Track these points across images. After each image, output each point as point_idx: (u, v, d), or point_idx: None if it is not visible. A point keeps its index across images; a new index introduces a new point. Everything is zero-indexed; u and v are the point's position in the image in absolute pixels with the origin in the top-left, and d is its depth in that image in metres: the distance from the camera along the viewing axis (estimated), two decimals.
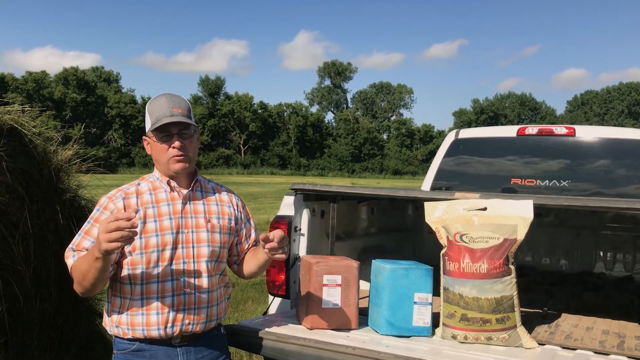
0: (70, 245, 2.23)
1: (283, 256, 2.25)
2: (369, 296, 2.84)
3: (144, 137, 2.35)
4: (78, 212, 3.41)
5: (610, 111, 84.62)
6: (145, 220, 2.21)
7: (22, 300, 2.98)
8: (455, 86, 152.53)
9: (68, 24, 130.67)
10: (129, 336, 2.22)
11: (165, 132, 2.21)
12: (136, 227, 1.90)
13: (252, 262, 2.44)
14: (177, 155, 2.22)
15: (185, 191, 2.31)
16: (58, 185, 3.32)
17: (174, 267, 2.22)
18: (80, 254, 2.17)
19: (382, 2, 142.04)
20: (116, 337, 2.28)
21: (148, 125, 2.26)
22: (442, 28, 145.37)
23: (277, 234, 2.19)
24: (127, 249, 2.20)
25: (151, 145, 2.28)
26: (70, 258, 2.19)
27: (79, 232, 2.23)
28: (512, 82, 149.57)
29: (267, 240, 2.18)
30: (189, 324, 2.24)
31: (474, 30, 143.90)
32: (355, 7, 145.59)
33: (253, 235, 2.51)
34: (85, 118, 60.81)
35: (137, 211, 2.13)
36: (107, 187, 3.28)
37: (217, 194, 2.43)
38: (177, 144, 2.21)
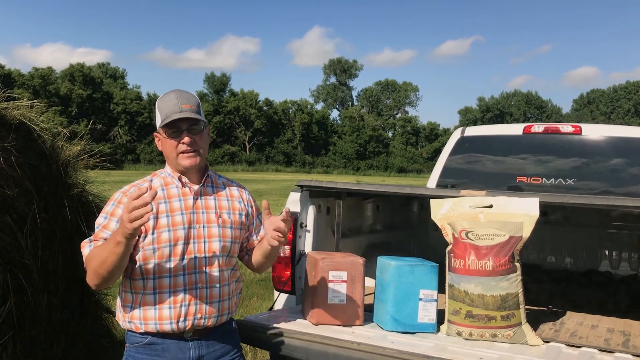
0: (87, 238, 2.23)
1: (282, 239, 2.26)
2: (374, 292, 2.85)
3: (154, 133, 2.36)
4: (85, 207, 3.43)
5: (616, 110, 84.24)
6: (157, 216, 2.22)
7: (30, 294, 3.00)
8: (464, 84, 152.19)
9: (80, 20, 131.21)
10: (142, 330, 2.23)
11: (174, 128, 2.23)
12: (155, 195, 1.93)
13: (258, 252, 2.45)
14: (186, 151, 2.24)
15: (196, 187, 2.32)
16: (66, 181, 3.34)
17: (185, 261, 2.23)
18: (97, 244, 2.17)
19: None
20: (129, 331, 2.29)
21: (158, 122, 2.27)
22: (456, 25, 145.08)
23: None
24: (140, 244, 2.21)
25: (162, 142, 2.30)
26: (87, 248, 2.18)
27: (96, 226, 2.23)
28: (523, 79, 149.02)
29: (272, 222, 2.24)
30: (200, 318, 2.25)
31: (489, 27, 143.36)
32: (371, 3, 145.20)
33: (262, 232, 2.52)
34: (91, 114, 60.85)
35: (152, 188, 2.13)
36: (114, 183, 3.30)
37: (227, 189, 2.44)
38: (186, 139, 2.23)
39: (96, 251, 2.13)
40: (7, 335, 2.86)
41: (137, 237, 2.20)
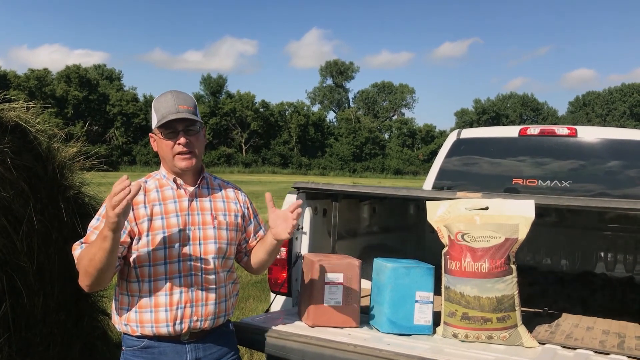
0: (78, 241, 2.23)
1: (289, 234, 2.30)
2: (370, 294, 2.85)
3: (150, 134, 2.35)
4: (81, 209, 3.43)
5: (612, 112, 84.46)
6: (152, 218, 2.22)
7: (26, 296, 3.00)
8: (461, 86, 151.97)
9: (77, 22, 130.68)
10: (138, 333, 2.23)
11: (171, 129, 2.23)
12: (139, 188, 1.96)
13: (260, 249, 2.45)
14: (182, 152, 2.23)
15: (191, 188, 2.32)
16: (62, 182, 3.34)
17: (181, 264, 2.23)
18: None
19: (397, 1, 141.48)
20: (125, 334, 2.28)
21: (154, 122, 2.26)
22: (455, 27, 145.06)
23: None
24: (134, 246, 2.21)
25: (157, 143, 2.29)
26: (78, 249, 2.18)
27: (89, 228, 2.23)
28: (520, 81, 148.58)
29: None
30: (197, 320, 2.24)
31: (488, 29, 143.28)
32: (369, 5, 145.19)
33: (260, 232, 2.52)
34: (87, 116, 60.76)
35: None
36: (110, 185, 3.28)
37: (223, 191, 2.43)
38: (182, 140, 2.22)
39: (85, 250, 2.13)
40: (3, 338, 2.85)
41: (129, 238, 2.19)
